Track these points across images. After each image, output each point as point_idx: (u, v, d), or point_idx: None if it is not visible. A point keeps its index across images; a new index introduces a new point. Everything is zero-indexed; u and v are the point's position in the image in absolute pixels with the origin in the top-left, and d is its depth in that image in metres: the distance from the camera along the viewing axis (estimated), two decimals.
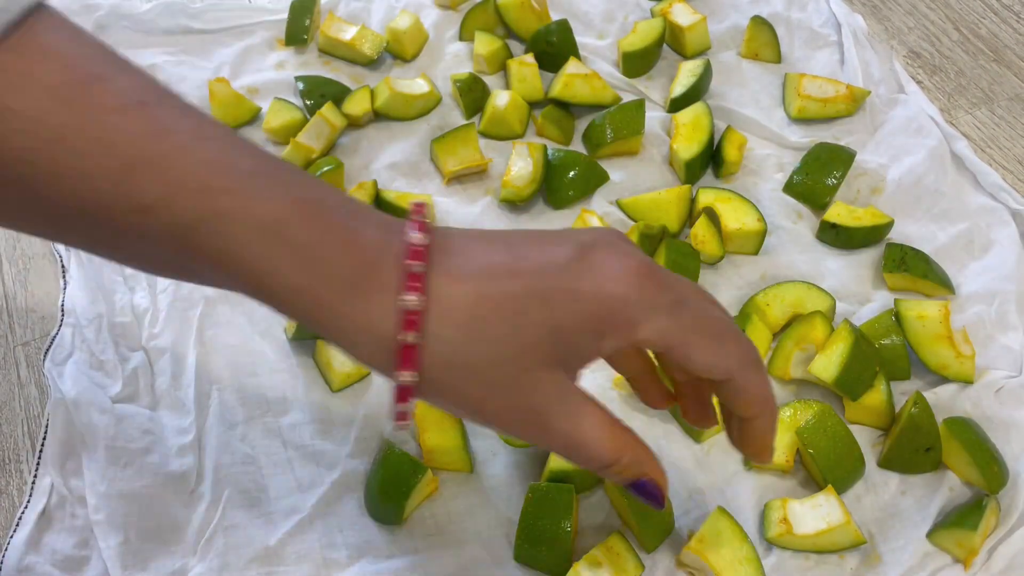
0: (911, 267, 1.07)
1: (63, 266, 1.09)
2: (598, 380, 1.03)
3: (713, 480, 0.97)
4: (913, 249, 1.10)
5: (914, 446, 0.95)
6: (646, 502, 0.75)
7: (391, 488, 0.91)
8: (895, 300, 1.04)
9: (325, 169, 1.12)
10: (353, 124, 1.25)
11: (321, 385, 1.02)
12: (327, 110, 1.20)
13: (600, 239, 0.68)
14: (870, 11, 1.44)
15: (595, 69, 1.29)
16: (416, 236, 0.63)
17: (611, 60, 1.35)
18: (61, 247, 1.10)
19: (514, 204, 1.16)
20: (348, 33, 1.32)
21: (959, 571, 0.91)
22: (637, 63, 1.32)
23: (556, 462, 0.93)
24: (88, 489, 0.92)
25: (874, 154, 1.23)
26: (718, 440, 0.99)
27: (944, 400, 1.01)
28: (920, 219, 1.17)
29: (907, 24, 1.42)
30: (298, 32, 1.34)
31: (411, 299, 0.61)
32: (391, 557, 0.91)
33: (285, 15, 1.36)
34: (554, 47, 1.30)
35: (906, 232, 1.15)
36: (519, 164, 1.15)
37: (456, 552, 0.92)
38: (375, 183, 1.14)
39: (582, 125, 1.26)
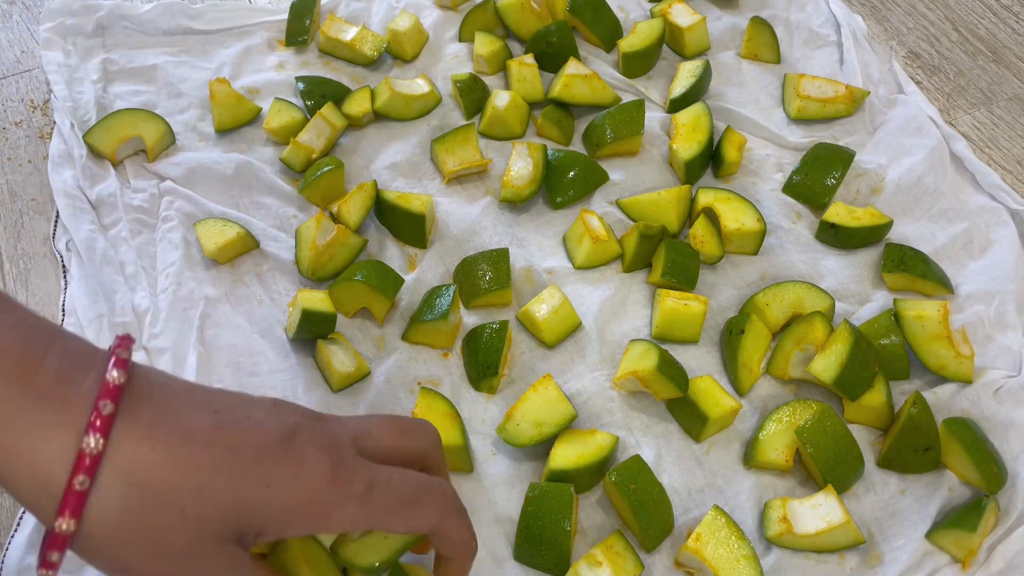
0: (910, 267, 1.08)
1: (63, 266, 1.09)
2: (599, 380, 1.03)
3: (713, 479, 0.97)
4: (912, 249, 1.10)
5: (913, 446, 0.95)
6: None
7: None
8: (894, 300, 1.05)
9: (325, 169, 1.13)
10: (353, 124, 1.25)
11: (322, 385, 1.02)
12: (327, 110, 1.20)
13: (303, 425, 0.67)
14: (869, 11, 1.45)
15: (595, 69, 1.30)
16: (113, 375, 0.60)
17: (611, 61, 1.35)
18: (61, 247, 1.10)
19: (514, 204, 1.16)
20: (348, 33, 1.32)
21: (958, 571, 0.91)
22: (637, 63, 1.32)
23: (556, 462, 0.93)
24: None
25: (873, 154, 1.23)
26: (718, 440, 1.00)
27: (943, 400, 1.01)
28: (919, 219, 1.17)
29: (906, 24, 1.43)
30: (298, 32, 1.34)
31: (91, 441, 0.57)
32: None
33: (285, 15, 1.36)
34: (554, 47, 1.30)
35: (905, 232, 1.16)
36: (519, 164, 1.15)
37: None
38: (375, 183, 1.14)
39: (582, 125, 1.27)
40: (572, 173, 1.16)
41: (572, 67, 1.25)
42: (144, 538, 0.60)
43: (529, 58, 1.28)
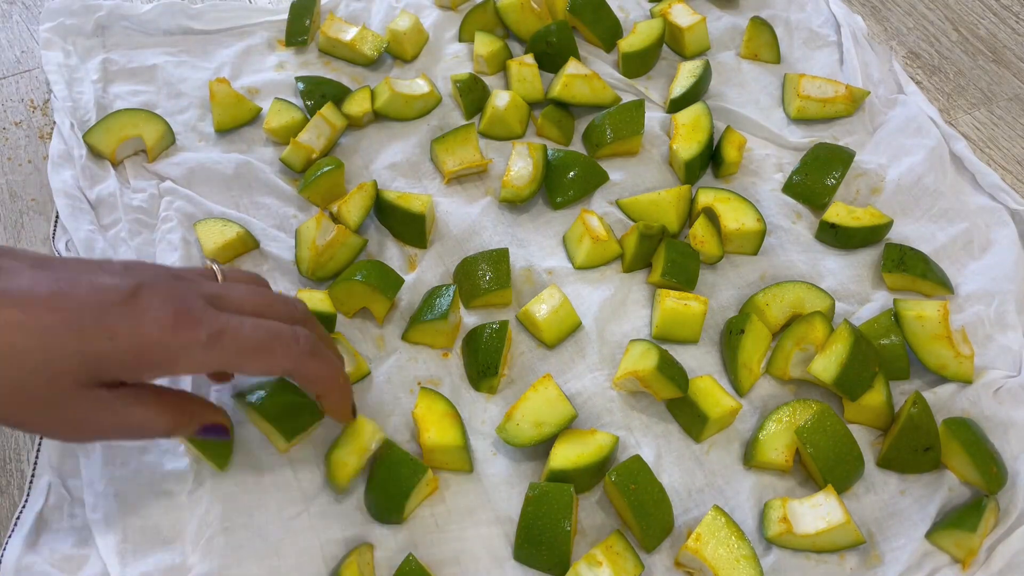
0: (910, 267, 1.08)
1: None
2: (598, 380, 1.03)
3: (713, 479, 0.97)
4: (912, 249, 1.10)
5: (913, 446, 0.95)
6: (217, 438, 0.86)
7: (391, 487, 0.91)
8: (894, 300, 1.05)
9: (325, 169, 1.13)
10: (353, 124, 1.25)
11: None
12: (327, 110, 1.20)
13: (149, 282, 0.73)
14: (869, 11, 1.45)
15: (595, 69, 1.30)
16: None
17: (611, 61, 1.35)
18: (61, 247, 1.10)
19: (514, 204, 1.16)
20: (348, 34, 1.32)
21: (958, 571, 0.91)
22: (637, 63, 1.32)
23: (556, 462, 0.92)
24: (86, 488, 0.93)
25: (873, 154, 1.23)
26: (718, 440, 1.00)
27: (943, 400, 1.01)
28: (919, 219, 1.17)
29: (906, 24, 1.43)
30: (298, 32, 1.34)
31: None
32: (391, 556, 0.91)
33: (285, 15, 1.36)
34: (554, 47, 1.30)
35: (905, 232, 1.16)
36: (519, 164, 1.15)
37: (456, 551, 0.92)
38: (375, 183, 1.14)
39: (582, 125, 1.27)
40: (572, 173, 1.16)
41: (572, 67, 1.25)
42: (7, 396, 0.68)
43: (529, 58, 1.28)
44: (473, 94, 1.26)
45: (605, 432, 0.96)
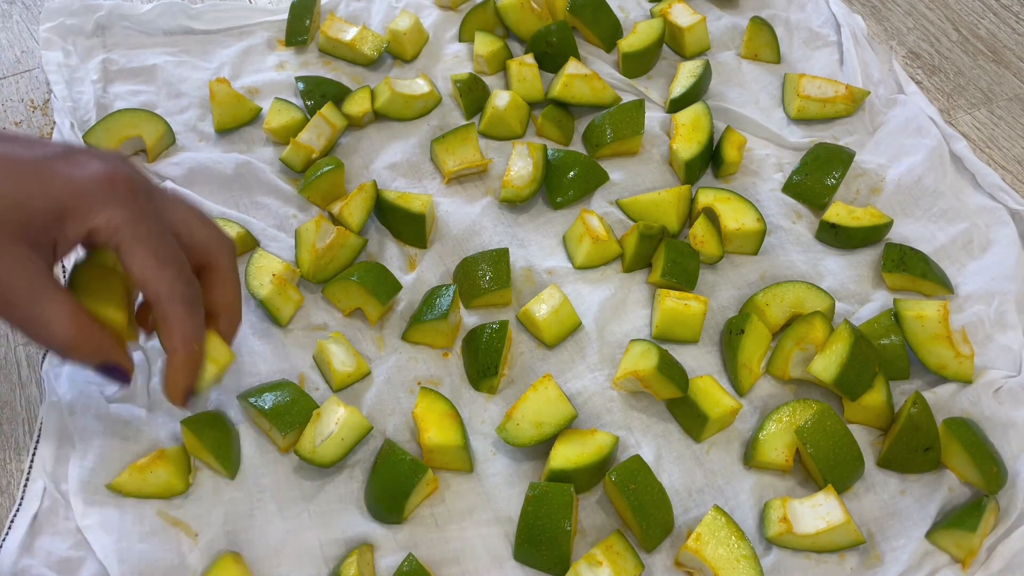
0: (910, 267, 1.08)
1: (63, 266, 1.09)
2: (599, 380, 1.03)
3: (713, 479, 0.97)
4: (912, 249, 1.10)
5: (913, 446, 0.95)
6: (115, 382, 0.83)
7: (391, 487, 0.91)
8: (894, 300, 1.05)
9: (325, 169, 1.13)
10: (353, 124, 1.25)
11: (322, 385, 1.03)
12: (327, 110, 1.20)
13: (99, 153, 0.76)
14: (869, 11, 1.45)
15: (595, 69, 1.30)
16: None
17: (611, 61, 1.35)
18: None
19: (514, 204, 1.16)
20: (348, 33, 1.32)
21: (958, 571, 0.92)
22: (637, 63, 1.32)
23: (556, 462, 0.92)
24: (72, 496, 0.93)
25: (873, 154, 1.23)
26: (718, 440, 1.00)
27: (943, 400, 1.01)
28: (919, 219, 1.17)
29: (906, 24, 1.43)
30: (298, 32, 1.34)
31: None
32: (391, 556, 0.91)
33: (285, 15, 1.36)
34: (554, 47, 1.30)
35: (905, 232, 1.16)
36: (519, 164, 1.15)
37: (456, 551, 0.92)
38: (375, 183, 1.14)
39: (582, 125, 1.27)
40: (572, 173, 1.16)
41: (572, 67, 1.25)
42: None
43: (529, 58, 1.28)
44: (473, 94, 1.26)
45: (605, 432, 0.96)
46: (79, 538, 0.90)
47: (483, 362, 1.01)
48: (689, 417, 0.99)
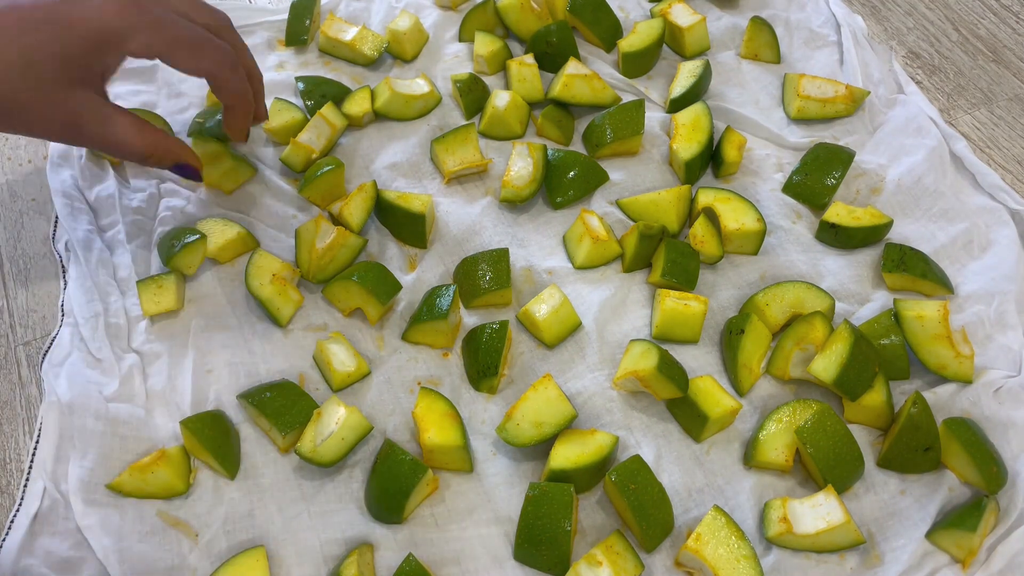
0: (910, 267, 1.08)
1: (63, 266, 1.09)
2: (599, 380, 1.03)
3: (713, 479, 0.97)
4: (912, 249, 1.10)
5: (913, 446, 0.95)
6: (187, 177, 1.02)
7: (392, 487, 0.91)
8: (894, 300, 1.05)
9: (325, 169, 1.13)
10: (353, 124, 1.25)
11: (322, 385, 1.03)
12: (327, 110, 1.20)
13: None
14: (869, 11, 1.45)
15: (595, 69, 1.30)
16: None
17: (611, 61, 1.35)
18: (60, 247, 1.11)
19: (514, 204, 1.16)
20: (348, 33, 1.32)
21: (958, 571, 0.91)
22: (637, 63, 1.32)
23: (556, 462, 0.92)
24: (72, 496, 0.93)
25: (873, 154, 1.23)
26: (718, 440, 1.00)
27: (943, 400, 1.01)
28: (919, 219, 1.17)
29: (906, 24, 1.43)
30: (298, 32, 1.34)
31: None
32: (391, 556, 0.92)
33: (285, 15, 1.36)
34: (554, 47, 1.30)
35: (905, 232, 1.16)
36: (519, 164, 1.15)
37: (456, 551, 0.92)
38: (375, 183, 1.14)
39: (582, 125, 1.27)
40: (572, 173, 1.16)
41: (572, 67, 1.25)
42: (7, 93, 0.80)
43: (529, 58, 1.28)
44: (473, 94, 1.26)
45: (605, 432, 0.96)
46: (79, 538, 0.90)
47: (483, 362, 1.01)
48: (689, 417, 0.99)
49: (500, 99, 1.23)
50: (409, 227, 1.13)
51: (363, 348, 1.06)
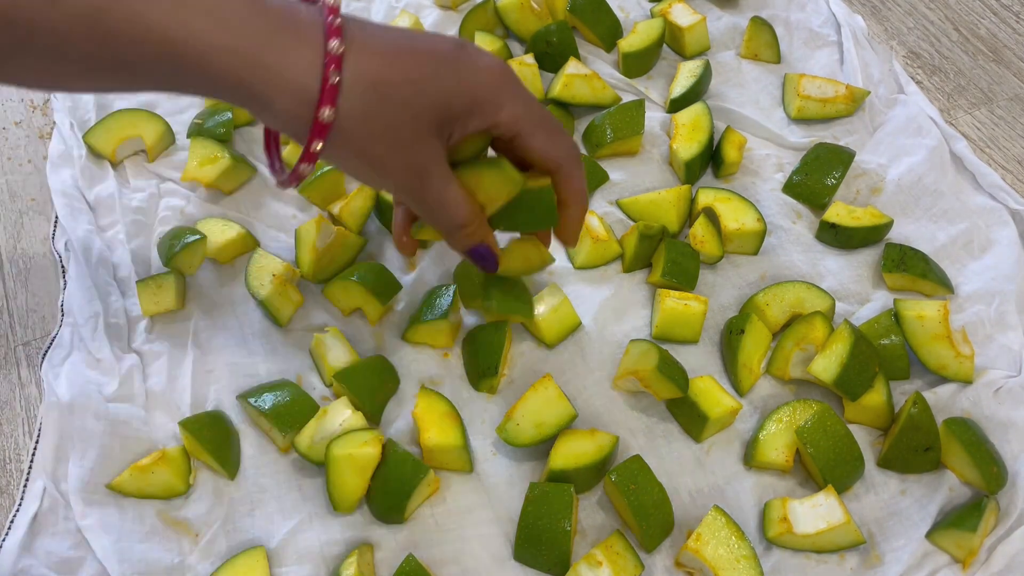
0: (910, 267, 1.08)
1: (62, 266, 1.09)
2: (599, 380, 1.04)
3: (713, 480, 0.97)
4: (912, 249, 1.10)
5: (913, 446, 0.95)
6: (482, 265, 0.91)
7: (393, 488, 0.91)
8: (894, 300, 1.05)
9: (325, 169, 1.13)
10: None
11: (319, 386, 1.03)
12: None
13: (468, 43, 0.81)
14: (869, 11, 1.45)
15: (595, 69, 1.30)
16: (328, 0, 0.73)
17: (611, 60, 1.35)
18: (60, 247, 1.11)
19: None
20: None
21: (958, 571, 0.91)
22: (637, 63, 1.32)
23: (556, 462, 0.93)
24: (72, 496, 0.93)
25: (873, 154, 1.23)
26: (718, 440, 1.00)
27: (943, 400, 1.01)
28: (919, 219, 1.17)
29: (906, 24, 1.42)
30: None
31: (334, 44, 0.70)
32: (391, 556, 0.92)
33: None
34: (554, 47, 1.30)
35: (905, 232, 1.16)
36: None
37: (456, 551, 0.93)
38: None
39: (582, 125, 1.27)
40: None
41: (572, 67, 1.25)
42: (381, 130, 0.75)
43: (529, 58, 1.28)
44: None
45: (605, 432, 0.96)
46: (79, 538, 0.90)
47: (483, 362, 1.01)
48: (689, 417, 0.99)
49: None
50: None
51: (363, 348, 1.06)
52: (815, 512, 0.90)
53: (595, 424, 1.00)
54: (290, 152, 1.16)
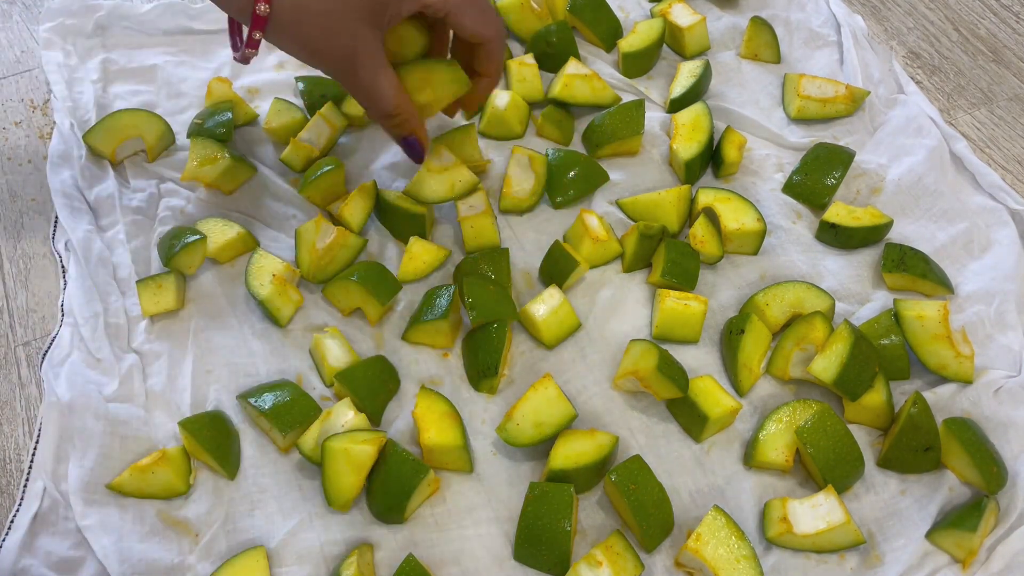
0: (910, 267, 1.08)
1: (63, 266, 1.09)
2: (599, 380, 1.03)
3: (713, 480, 0.97)
4: (912, 249, 1.10)
5: (913, 446, 0.95)
6: (411, 155, 1.04)
7: (393, 488, 0.91)
8: (894, 300, 1.05)
9: (325, 169, 1.13)
10: (354, 124, 1.25)
11: (319, 386, 1.03)
12: (327, 110, 1.20)
13: None
14: (869, 11, 1.45)
15: (595, 69, 1.30)
16: None
17: (611, 61, 1.35)
18: (60, 247, 1.11)
19: (517, 214, 1.17)
20: None
21: (958, 571, 0.91)
22: (637, 63, 1.32)
23: (556, 462, 0.92)
24: (72, 496, 0.92)
25: (873, 154, 1.23)
26: (718, 440, 1.00)
27: (943, 400, 1.01)
28: (919, 219, 1.17)
29: (906, 24, 1.42)
30: None
31: None
32: (391, 556, 0.92)
33: None
34: (554, 47, 1.30)
35: (905, 232, 1.16)
36: (518, 174, 1.15)
37: (456, 551, 0.92)
38: (375, 183, 1.14)
39: (582, 125, 1.26)
40: (572, 173, 1.16)
41: (572, 67, 1.25)
42: (312, 18, 0.85)
43: (529, 58, 1.28)
44: None
45: (605, 432, 0.96)
46: (79, 538, 0.91)
47: (483, 362, 1.01)
48: (689, 417, 0.99)
49: (500, 99, 1.23)
50: (409, 227, 1.13)
51: (363, 348, 1.06)
52: (815, 512, 0.90)
53: (595, 424, 1.00)
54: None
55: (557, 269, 1.09)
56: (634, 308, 1.10)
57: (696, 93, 1.28)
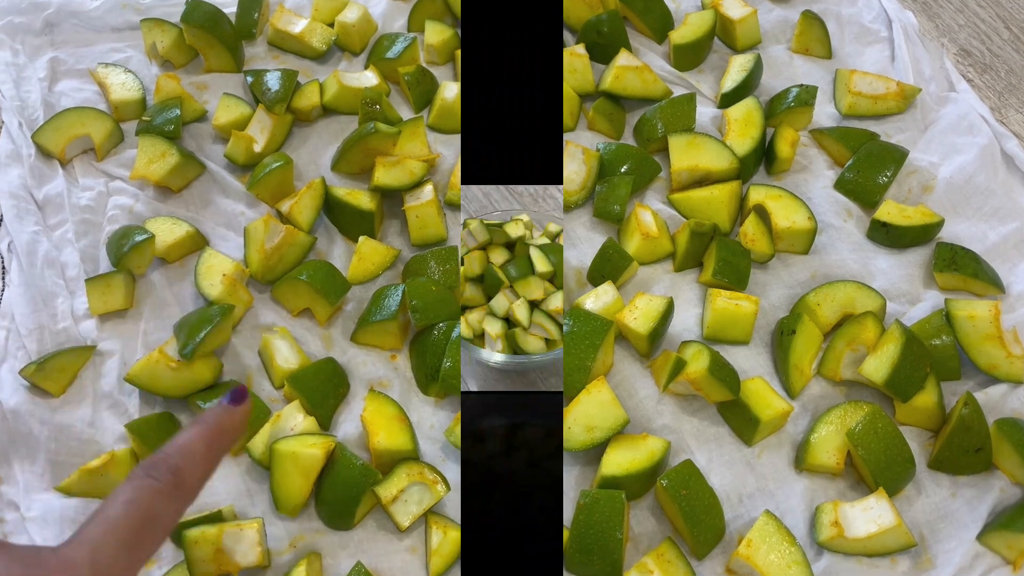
0: (961, 266, 1.08)
1: (3, 268, 1.10)
2: (647, 381, 1.04)
3: (764, 483, 0.98)
4: (963, 248, 1.10)
5: (964, 447, 0.95)
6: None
7: (342, 493, 0.92)
8: (945, 300, 1.05)
9: (273, 166, 1.13)
10: (302, 119, 1.25)
11: (267, 385, 1.04)
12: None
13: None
14: (920, 8, 1.44)
15: (646, 61, 1.30)
16: None
17: (662, 52, 1.35)
18: (3, 247, 1.11)
19: (568, 209, 1.17)
20: (297, 26, 1.32)
21: (1009, 572, 0.92)
22: (688, 56, 1.32)
23: (608, 468, 0.93)
24: (22, 495, 0.94)
25: (925, 152, 1.23)
26: (769, 443, 1.00)
27: (994, 400, 1.01)
28: (970, 218, 1.17)
29: (957, 22, 1.42)
30: (247, 26, 1.34)
31: None
32: (340, 563, 0.92)
33: (234, 9, 1.35)
34: (604, 37, 1.30)
35: (956, 231, 1.15)
36: (571, 168, 1.15)
37: (405, 561, 0.93)
38: (323, 180, 1.14)
39: (633, 119, 1.27)
40: (625, 167, 1.17)
41: (623, 59, 1.25)
42: None
43: (580, 48, 1.28)
44: (422, 87, 1.26)
45: (657, 437, 0.96)
46: (16, 540, 0.91)
47: (430, 365, 1.02)
48: (740, 420, 0.99)
49: (449, 91, 1.23)
50: (358, 224, 1.13)
51: (310, 348, 1.06)
52: (866, 515, 0.90)
53: (646, 428, 1.00)
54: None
55: (610, 267, 1.09)
56: (685, 308, 1.10)
57: (747, 87, 1.27)
